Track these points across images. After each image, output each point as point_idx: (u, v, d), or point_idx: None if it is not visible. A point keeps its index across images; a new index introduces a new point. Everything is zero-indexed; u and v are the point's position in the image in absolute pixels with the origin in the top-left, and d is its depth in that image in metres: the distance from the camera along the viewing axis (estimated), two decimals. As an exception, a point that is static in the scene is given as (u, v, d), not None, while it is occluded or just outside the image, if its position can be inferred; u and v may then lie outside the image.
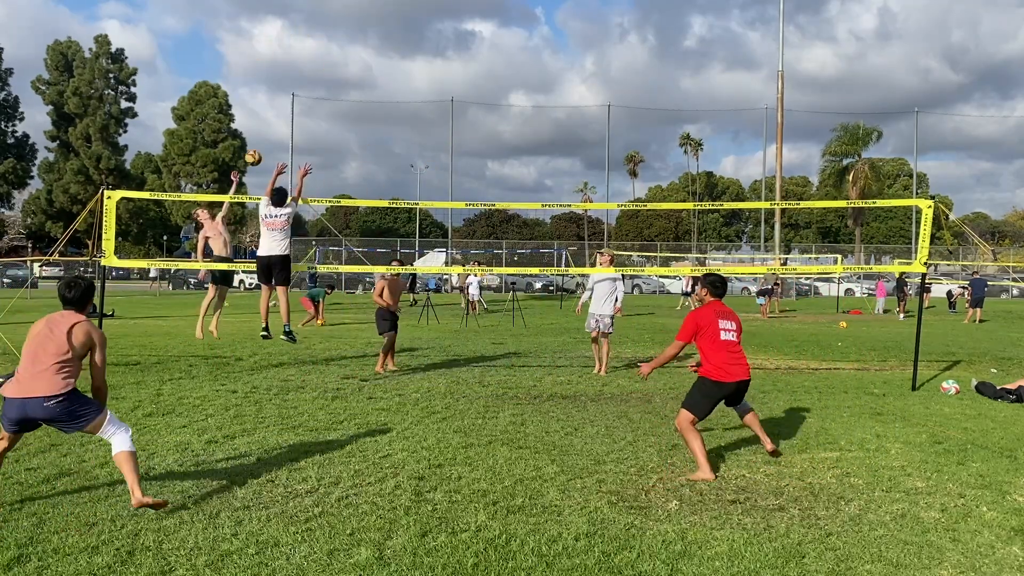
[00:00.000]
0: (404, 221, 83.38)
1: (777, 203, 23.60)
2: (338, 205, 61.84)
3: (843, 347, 15.53)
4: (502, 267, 45.00)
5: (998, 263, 45.37)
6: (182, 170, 66.62)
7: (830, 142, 58.39)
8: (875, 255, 65.04)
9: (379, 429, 7.04)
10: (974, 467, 5.96)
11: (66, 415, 4.54)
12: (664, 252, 57.04)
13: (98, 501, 4.81)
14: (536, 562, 3.97)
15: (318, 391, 9.08)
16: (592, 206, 61.67)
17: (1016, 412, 8.41)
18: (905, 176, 75.85)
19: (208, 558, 3.95)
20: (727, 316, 6.01)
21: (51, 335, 4.64)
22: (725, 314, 6.02)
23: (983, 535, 4.49)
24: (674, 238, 76.42)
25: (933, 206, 9.80)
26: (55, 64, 65.57)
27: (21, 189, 67.34)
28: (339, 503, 4.87)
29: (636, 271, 23.27)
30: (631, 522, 4.59)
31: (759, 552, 4.15)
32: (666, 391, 9.56)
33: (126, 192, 12.13)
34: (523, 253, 59.17)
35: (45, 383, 4.49)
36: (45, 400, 4.47)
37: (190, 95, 67.60)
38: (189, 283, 48.04)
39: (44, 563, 3.85)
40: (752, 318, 25.34)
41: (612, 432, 7.08)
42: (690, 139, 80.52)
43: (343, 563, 3.93)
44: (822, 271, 30.89)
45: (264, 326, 10.41)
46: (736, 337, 5.99)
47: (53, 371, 4.53)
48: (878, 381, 10.60)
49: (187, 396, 8.56)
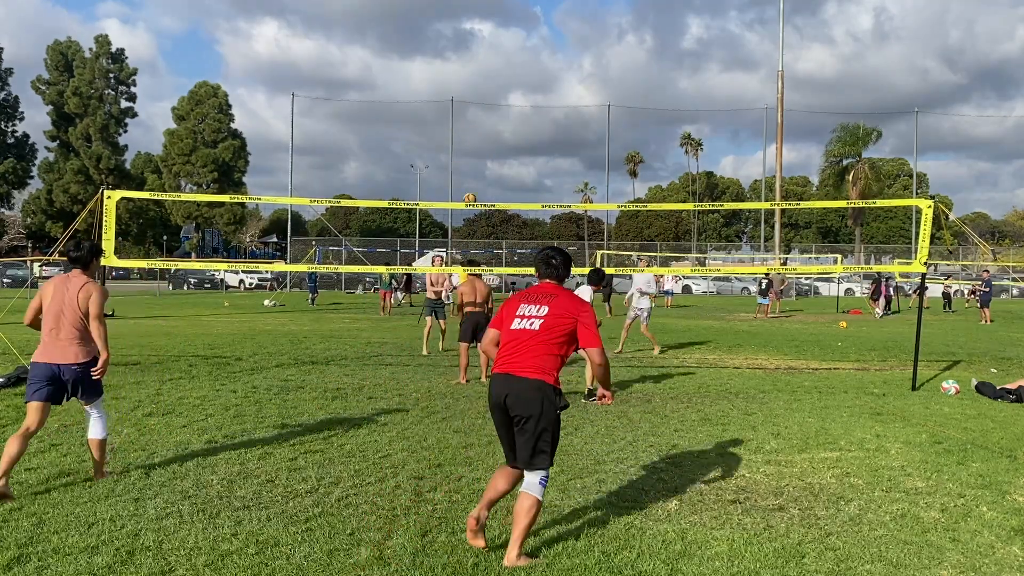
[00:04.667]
0: (404, 221, 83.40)
1: (777, 203, 23.60)
2: (338, 205, 61.82)
3: (843, 347, 15.52)
4: (502, 267, 44.98)
5: (998, 263, 45.37)
6: (182, 170, 66.63)
7: (830, 142, 58.47)
8: (875, 255, 65.02)
9: (379, 429, 7.04)
10: (974, 467, 5.96)
11: (88, 380, 5.14)
12: (664, 252, 57.05)
13: (98, 501, 4.81)
14: (536, 562, 3.97)
15: (318, 391, 9.08)
16: (592, 206, 61.64)
17: (1016, 412, 8.41)
18: (905, 176, 75.85)
19: (208, 558, 3.95)
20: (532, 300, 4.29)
21: (66, 305, 5.08)
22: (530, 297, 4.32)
23: (983, 535, 4.49)
24: (674, 238, 76.42)
25: (933, 206, 9.81)
26: (55, 64, 65.59)
27: (21, 189, 67.38)
28: (339, 503, 4.87)
29: (636, 271, 23.27)
30: (631, 522, 4.59)
31: (759, 552, 4.15)
32: (666, 391, 9.56)
33: (126, 192, 12.13)
34: (523, 253, 59.18)
35: (73, 352, 5.06)
36: (74, 366, 5.06)
37: (190, 95, 67.62)
38: (189, 283, 48.05)
39: (44, 563, 3.85)
40: (750, 318, 25.34)
41: (612, 432, 7.08)
42: (690, 139, 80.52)
43: (343, 563, 3.93)
44: (822, 271, 30.88)
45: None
46: (537, 326, 4.17)
47: (76, 341, 5.07)
48: (878, 381, 10.60)
49: (187, 396, 8.55)
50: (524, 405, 4.03)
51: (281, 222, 75.27)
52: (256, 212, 79.21)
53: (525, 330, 4.17)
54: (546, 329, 4.14)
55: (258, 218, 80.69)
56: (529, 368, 4.08)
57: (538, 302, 4.24)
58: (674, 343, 16.02)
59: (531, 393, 4.03)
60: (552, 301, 4.22)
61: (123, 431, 6.79)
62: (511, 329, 4.23)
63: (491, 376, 4.28)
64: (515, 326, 4.22)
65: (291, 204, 63.77)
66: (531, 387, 4.04)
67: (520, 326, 4.19)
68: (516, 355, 4.13)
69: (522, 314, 4.23)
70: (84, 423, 7.04)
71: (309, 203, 11.47)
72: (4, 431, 6.69)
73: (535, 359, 4.10)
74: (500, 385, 4.12)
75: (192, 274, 48.23)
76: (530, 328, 4.16)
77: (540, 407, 4.03)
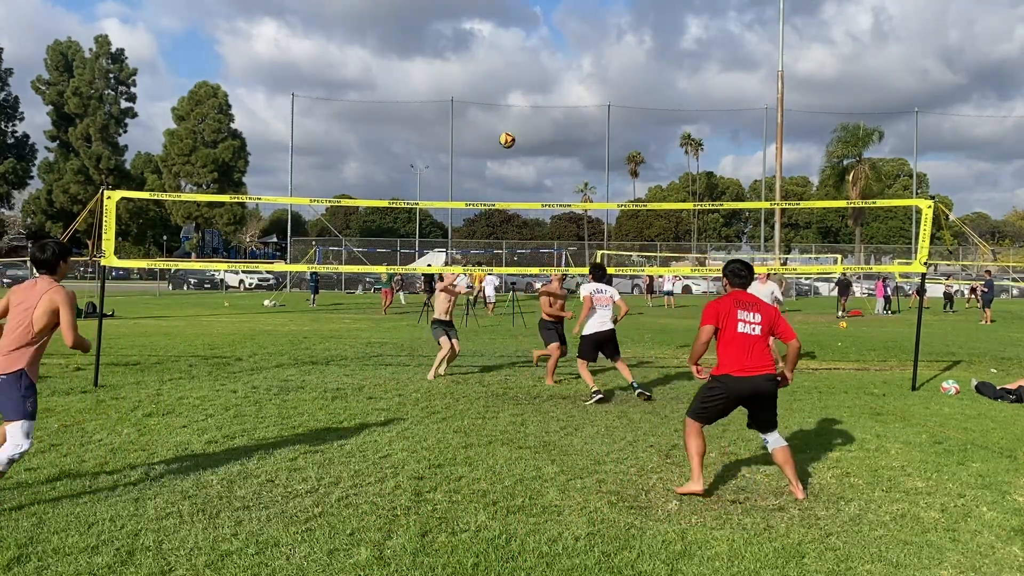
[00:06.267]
0: (404, 221, 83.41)
1: (777, 203, 23.55)
2: (338, 205, 61.81)
3: (843, 347, 15.52)
4: (502, 267, 44.97)
5: (998, 263, 45.37)
6: (182, 170, 66.63)
7: (831, 142, 58.47)
8: (875, 255, 65.04)
9: (379, 429, 7.04)
10: (974, 467, 5.96)
11: (6, 395, 4.43)
12: (664, 252, 57.05)
13: (98, 501, 4.81)
14: (536, 562, 3.97)
15: (318, 391, 9.08)
16: (592, 206, 61.72)
17: (1016, 412, 8.41)
18: (905, 176, 75.88)
19: (208, 558, 3.95)
20: (749, 307, 5.23)
21: (18, 309, 4.52)
22: (747, 304, 5.25)
23: (983, 535, 4.49)
24: (674, 238, 76.43)
25: (933, 206, 9.80)
26: (55, 64, 65.59)
27: (21, 189, 67.39)
28: (339, 503, 4.87)
29: (636, 271, 23.30)
30: (631, 522, 4.59)
31: (759, 552, 4.15)
32: (666, 391, 9.56)
33: (126, 192, 12.12)
34: (523, 253, 59.19)
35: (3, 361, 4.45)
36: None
37: (190, 95, 67.62)
38: (189, 283, 48.06)
39: (44, 563, 3.85)
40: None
41: (612, 432, 7.08)
42: (690, 139, 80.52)
43: (343, 563, 3.93)
44: (822, 271, 30.86)
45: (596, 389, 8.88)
46: (760, 332, 5.18)
47: (6, 349, 4.47)
48: (878, 381, 10.60)
49: (187, 396, 8.55)
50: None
51: (281, 222, 75.28)
52: (256, 212, 79.24)
53: (753, 335, 5.17)
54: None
55: (258, 218, 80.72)
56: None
57: (754, 309, 5.21)
58: (674, 343, 16.01)
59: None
60: (764, 306, 5.31)
61: (123, 431, 6.78)
62: (742, 333, 5.14)
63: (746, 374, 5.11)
64: (742, 329, 5.14)
65: (291, 204, 63.79)
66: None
67: (747, 331, 5.15)
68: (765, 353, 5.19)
69: (743, 319, 5.17)
70: (84, 423, 7.05)
71: (309, 203, 11.47)
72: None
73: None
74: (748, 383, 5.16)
75: (192, 274, 48.24)
76: (757, 334, 5.17)
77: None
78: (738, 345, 5.13)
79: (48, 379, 9.58)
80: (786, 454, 5.27)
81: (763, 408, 5.27)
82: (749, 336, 5.15)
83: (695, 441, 5.19)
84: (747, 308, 5.21)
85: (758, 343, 5.16)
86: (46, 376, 9.81)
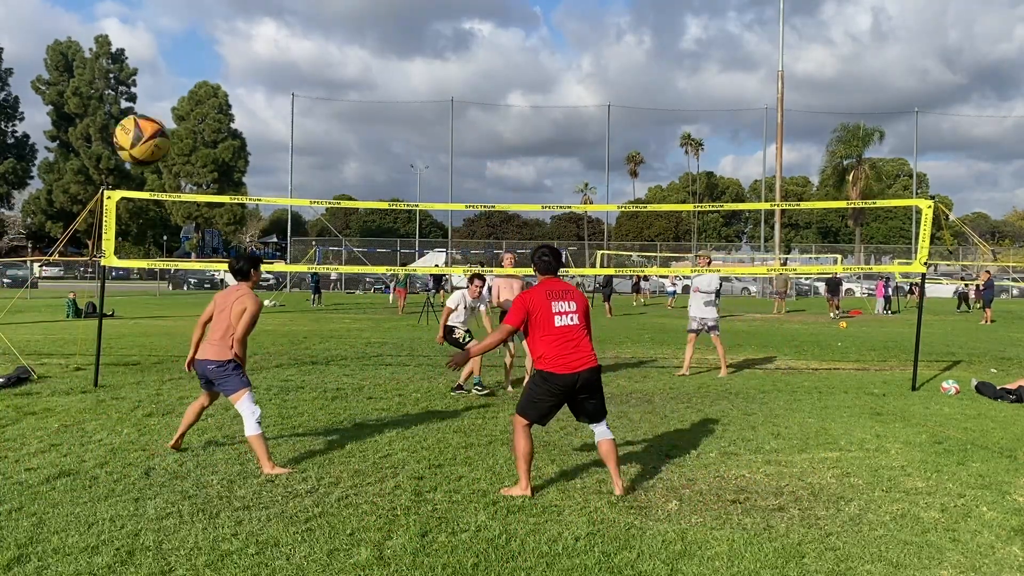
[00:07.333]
0: (404, 221, 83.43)
1: (777, 203, 23.60)
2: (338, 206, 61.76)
3: (843, 347, 15.52)
4: (501, 268, 44.95)
5: (998, 263, 45.36)
6: (182, 170, 66.66)
7: (831, 142, 58.47)
8: (875, 255, 65.03)
9: (379, 429, 7.04)
10: (974, 467, 5.96)
11: (222, 378, 5.59)
12: (664, 252, 57.04)
13: (98, 501, 4.81)
14: (536, 562, 3.97)
15: (318, 391, 9.08)
16: (592, 207, 61.62)
17: (1016, 412, 8.41)
18: (905, 176, 75.90)
19: (208, 558, 3.94)
20: (563, 296, 5.07)
21: (222, 312, 5.69)
22: (560, 293, 5.08)
23: (983, 535, 4.48)
24: (674, 238, 76.46)
25: (933, 206, 9.80)
26: (55, 64, 65.61)
27: (21, 189, 67.43)
28: (339, 503, 4.87)
29: (636, 271, 23.30)
30: (631, 522, 4.59)
31: (759, 552, 4.14)
32: (666, 391, 9.55)
33: (126, 192, 12.11)
34: (523, 253, 59.19)
35: (214, 350, 5.60)
36: (209, 363, 5.59)
37: (190, 95, 67.67)
38: (189, 283, 48.06)
39: (44, 563, 3.85)
40: (752, 318, 25.34)
41: (612, 432, 7.06)
42: (690, 139, 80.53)
43: (343, 563, 3.93)
44: (822, 271, 30.85)
45: None
46: (579, 320, 5.05)
47: (220, 342, 5.62)
48: (878, 381, 10.60)
49: (187, 396, 8.55)
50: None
51: (281, 222, 75.27)
52: (256, 212, 79.28)
53: (572, 326, 5.02)
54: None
55: (258, 218, 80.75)
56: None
57: (567, 298, 5.06)
58: (675, 343, 16.01)
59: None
60: (578, 295, 5.14)
61: (123, 431, 6.79)
62: (560, 325, 4.96)
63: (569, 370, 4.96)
64: (560, 322, 4.97)
65: (291, 205, 63.75)
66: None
67: (566, 322, 5.00)
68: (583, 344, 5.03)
69: (559, 310, 4.99)
70: (84, 423, 7.06)
71: (309, 204, 11.47)
72: (4, 431, 6.69)
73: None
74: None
75: (192, 274, 48.24)
76: (575, 324, 5.02)
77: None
78: (560, 340, 4.96)
79: (48, 379, 9.58)
80: (611, 447, 5.20)
81: (589, 398, 5.13)
82: (569, 327, 5.00)
83: (522, 442, 5.03)
84: (561, 297, 5.05)
85: (578, 333, 5.02)
86: (46, 376, 9.81)
